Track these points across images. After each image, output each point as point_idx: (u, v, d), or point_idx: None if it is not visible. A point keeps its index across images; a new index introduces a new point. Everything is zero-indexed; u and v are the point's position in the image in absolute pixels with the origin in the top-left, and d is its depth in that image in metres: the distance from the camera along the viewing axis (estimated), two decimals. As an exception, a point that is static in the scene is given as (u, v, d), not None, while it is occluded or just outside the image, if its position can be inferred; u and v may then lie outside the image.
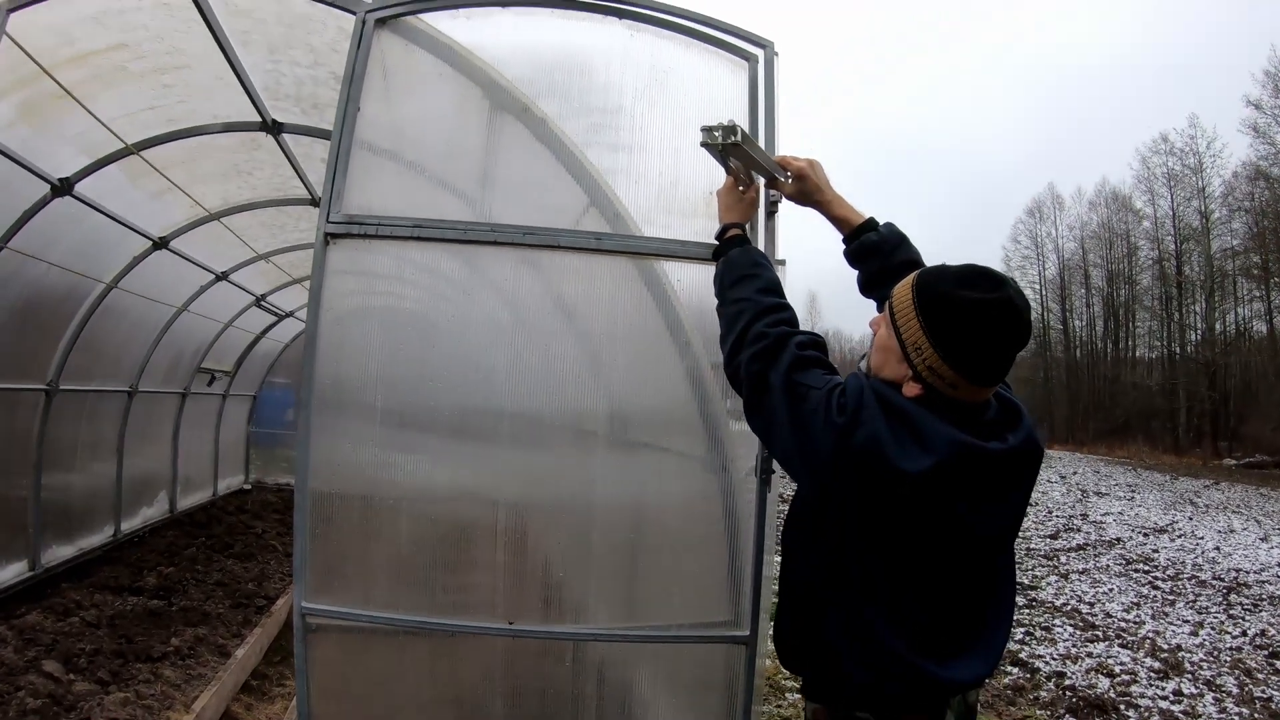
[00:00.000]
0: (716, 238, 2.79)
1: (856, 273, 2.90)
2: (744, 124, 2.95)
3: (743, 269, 2.59)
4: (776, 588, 2.61)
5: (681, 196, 3.18)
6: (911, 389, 2.19)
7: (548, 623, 3.05)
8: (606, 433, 3.10)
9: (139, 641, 6.76)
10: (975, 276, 2.17)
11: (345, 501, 3.06)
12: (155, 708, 5.64)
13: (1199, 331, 51.42)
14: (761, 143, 3.09)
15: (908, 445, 2.08)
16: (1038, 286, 62.13)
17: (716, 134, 2.57)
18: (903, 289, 2.26)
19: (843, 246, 2.91)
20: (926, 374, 2.16)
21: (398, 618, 3.01)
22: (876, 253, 2.82)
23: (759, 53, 3.30)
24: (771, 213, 3.10)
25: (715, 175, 2.97)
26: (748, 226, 2.86)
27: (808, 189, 2.91)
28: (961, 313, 2.11)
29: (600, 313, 3.13)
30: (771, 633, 2.61)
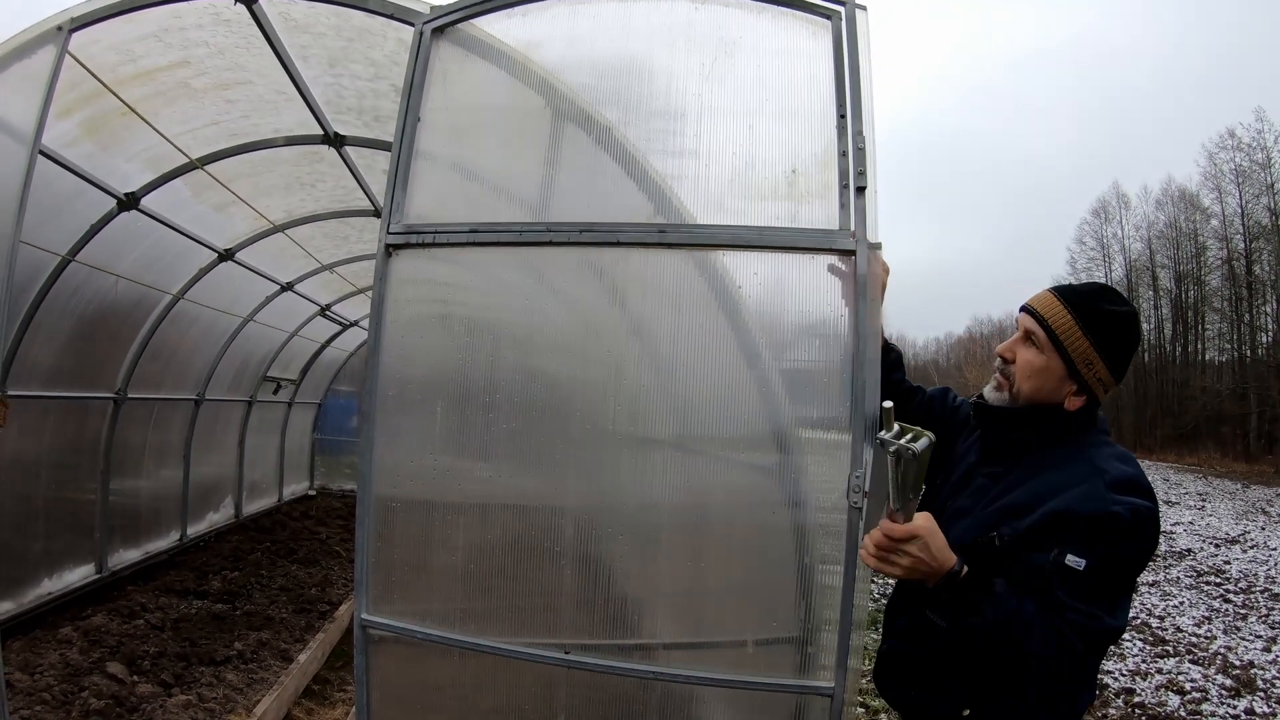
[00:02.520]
0: (946, 583, 2.25)
1: None
2: (831, 89, 2.89)
3: (1011, 627, 2.17)
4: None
5: (758, 177, 2.94)
6: (1075, 402, 2.41)
7: (607, 654, 2.92)
8: (673, 442, 2.94)
9: (202, 645, 6.88)
10: (1109, 293, 2.47)
11: (407, 512, 3.08)
12: (217, 710, 5.72)
13: (1270, 333, 49.85)
14: (842, 103, 2.87)
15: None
16: (1104, 289, 60.73)
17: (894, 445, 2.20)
18: (1057, 313, 2.42)
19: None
20: (1096, 385, 2.40)
21: (453, 638, 2.99)
22: (898, 367, 2.97)
23: (840, 9, 2.96)
24: (861, 188, 2.77)
25: (795, 150, 2.88)
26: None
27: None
28: (1121, 325, 2.39)
29: (665, 317, 2.96)
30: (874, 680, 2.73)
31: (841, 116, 2.85)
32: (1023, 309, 2.52)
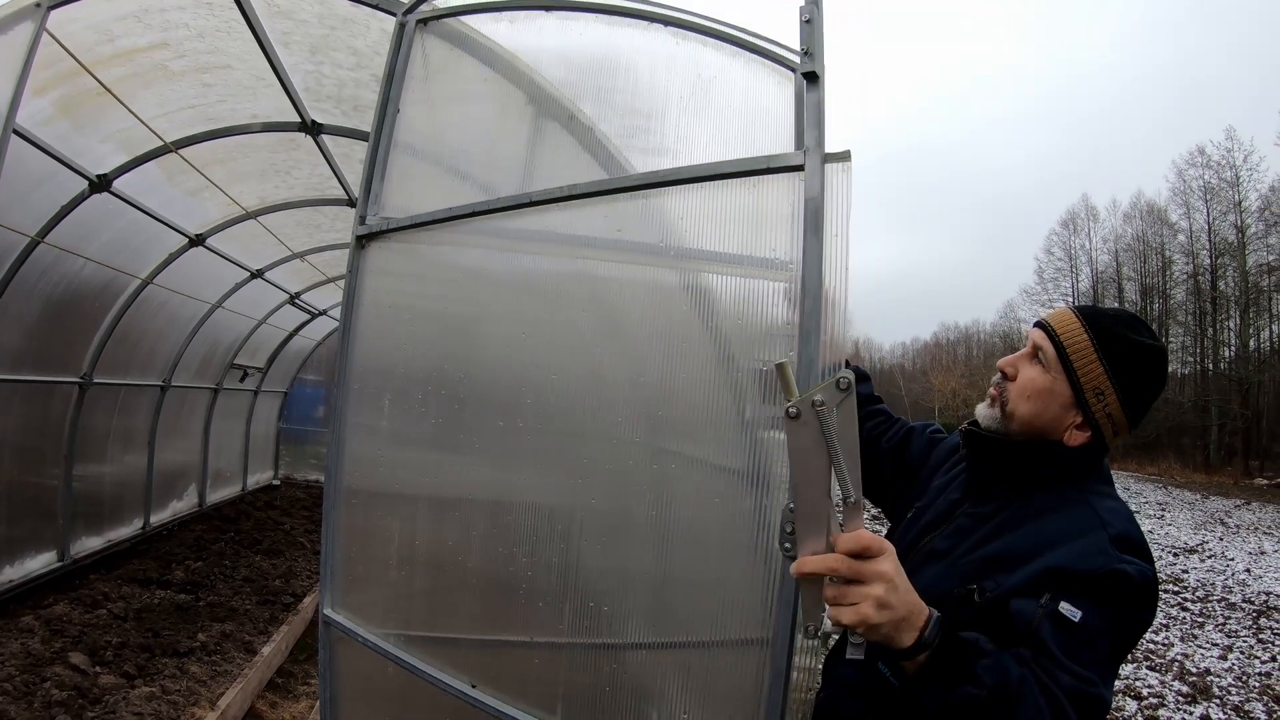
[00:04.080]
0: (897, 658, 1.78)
1: None
2: (790, 136, 2.54)
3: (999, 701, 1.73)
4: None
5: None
6: (1077, 437, 2.07)
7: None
8: (646, 443, 2.91)
9: (166, 636, 6.80)
10: (1137, 321, 2.11)
11: (373, 508, 3.05)
12: (180, 703, 5.65)
13: (1232, 348, 50.70)
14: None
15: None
16: (1071, 299, 61.52)
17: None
18: (1073, 331, 2.11)
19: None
20: (1104, 422, 2.06)
21: (395, 654, 2.88)
22: (866, 382, 2.78)
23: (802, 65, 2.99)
24: (811, 74, 2.34)
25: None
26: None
27: None
28: (1144, 358, 2.06)
29: (641, 317, 2.75)
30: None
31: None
32: (1036, 324, 2.21)
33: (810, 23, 2.37)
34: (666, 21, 3.14)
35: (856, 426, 1.55)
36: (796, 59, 2.86)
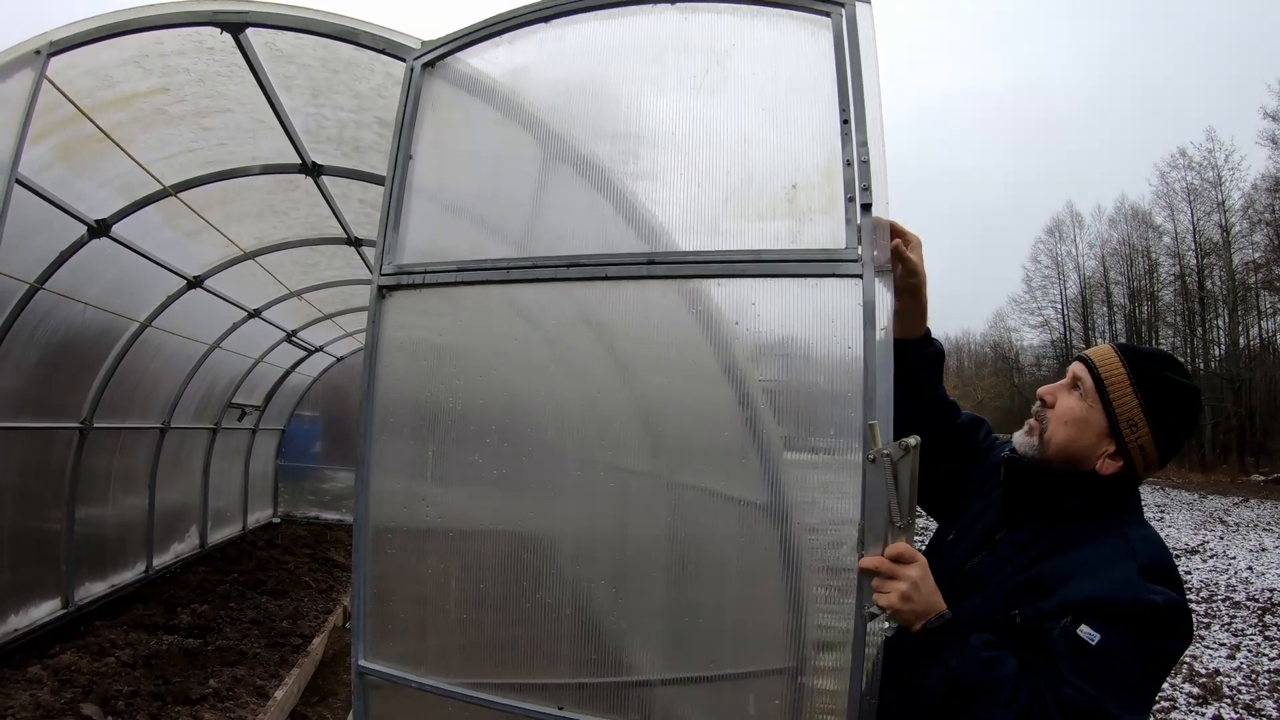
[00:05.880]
0: (927, 625, 2.12)
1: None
2: (834, 93, 2.60)
3: (977, 680, 2.03)
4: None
5: (755, 194, 2.70)
6: (1110, 466, 2.19)
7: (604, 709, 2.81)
8: (665, 478, 2.81)
9: (176, 683, 6.73)
10: (1173, 362, 2.26)
11: (404, 555, 3.02)
12: (197, 752, 5.60)
13: (1223, 346, 51.00)
14: (845, 106, 2.59)
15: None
16: (1059, 306, 61.92)
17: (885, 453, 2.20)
18: (1111, 365, 2.25)
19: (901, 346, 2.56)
20: (1136, 453, 2.18)
21: (451, 690, 2.90)
22: (940, 362, 2.70)
23: (840, 7, 2.70)
24: (867, 205, 2.47)
25: (795, 164, 2.61)
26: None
27: (910, 268, 2.51)
28: (1177, 395, 2.18)
29: (655, 347, 2.80)
30: None
31: (845, 122, 2.58)
32: (1077, 358, 2.34)
33: (866, 163, 2.51)
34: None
35: (914, 477, 2.15)
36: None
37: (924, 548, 2.47)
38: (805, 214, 2.61)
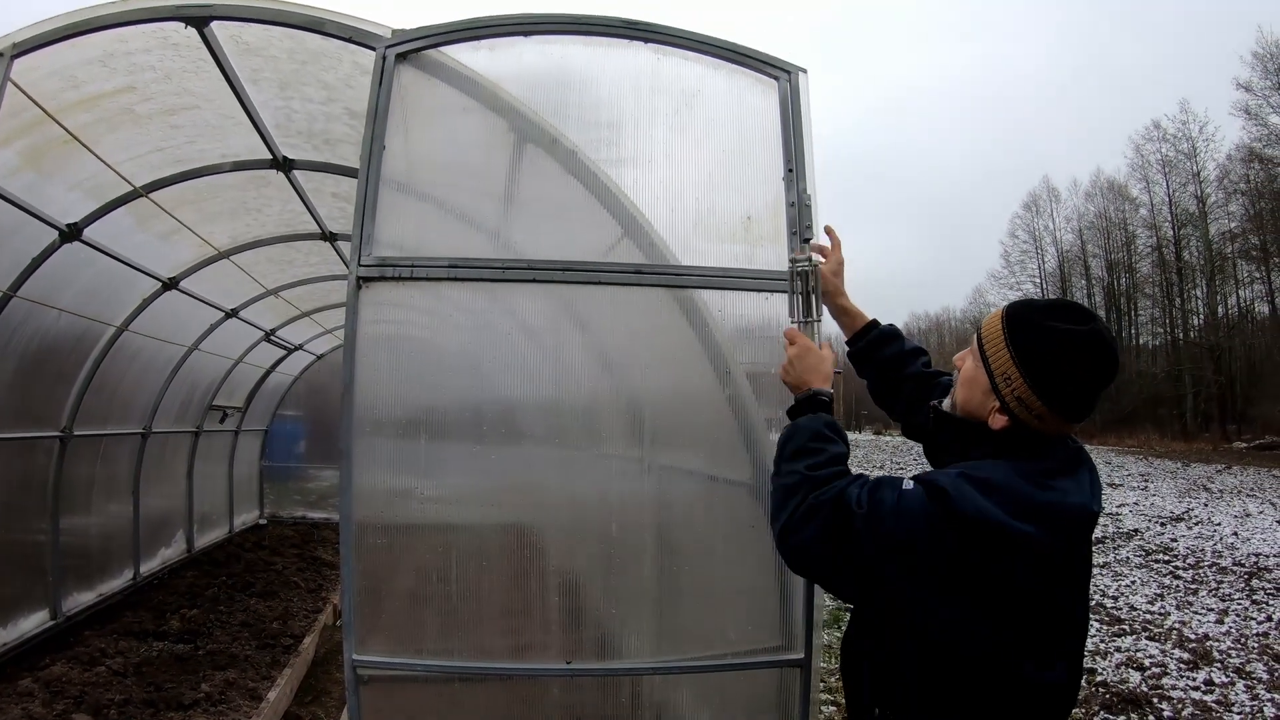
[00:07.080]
0: (796, 397, 2.61)
1: (868, 377, 3.02)
2: (779, 146, 3.17)
3: (804, 440, 2.39)
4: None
5: (718, 220, 3.20)
6: (998, 420, 2.18)
7: (602, 659, 3.01)
8: (651, 464, 3.07)
9: (169, 689, 6.67)
10: (1064, 308, 2.20)
11: (390, 548, 3.01)
12: (191, 757, 5.55)
13: (1201, 316, 51.52)
14: (789, 158, 3.23)
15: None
16: (1038, 280, 62.39)
17: (802, 262, 2.78)
18: (992, 321, 2.28)
19: (849, 347, 3.06)
20: (1015, 405, 2.15)
21: (450, 665, 2.96)
22: (896, 338, 2.96)
23: (786, 73, 3.31)
24: (808, 240, 3.11)
25: (750, 196, 3.15)
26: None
27: (829, 287, 2.96)
28: (1052, 342, 2.11)
29: (641, 344, 3.13)
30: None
31: (790, 170, 3.20)
32: None
33: (808, 206, 3.18)
34: (648, 38, 3.20)
35: (817, 286, 2.77)
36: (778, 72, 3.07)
37: None
38: (758, 240, 3.22)
